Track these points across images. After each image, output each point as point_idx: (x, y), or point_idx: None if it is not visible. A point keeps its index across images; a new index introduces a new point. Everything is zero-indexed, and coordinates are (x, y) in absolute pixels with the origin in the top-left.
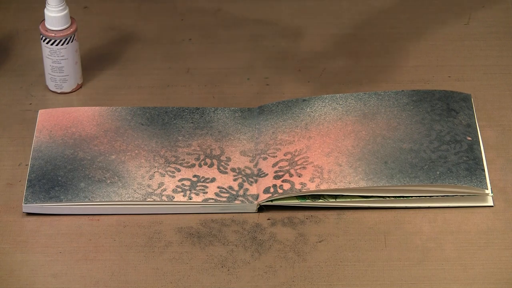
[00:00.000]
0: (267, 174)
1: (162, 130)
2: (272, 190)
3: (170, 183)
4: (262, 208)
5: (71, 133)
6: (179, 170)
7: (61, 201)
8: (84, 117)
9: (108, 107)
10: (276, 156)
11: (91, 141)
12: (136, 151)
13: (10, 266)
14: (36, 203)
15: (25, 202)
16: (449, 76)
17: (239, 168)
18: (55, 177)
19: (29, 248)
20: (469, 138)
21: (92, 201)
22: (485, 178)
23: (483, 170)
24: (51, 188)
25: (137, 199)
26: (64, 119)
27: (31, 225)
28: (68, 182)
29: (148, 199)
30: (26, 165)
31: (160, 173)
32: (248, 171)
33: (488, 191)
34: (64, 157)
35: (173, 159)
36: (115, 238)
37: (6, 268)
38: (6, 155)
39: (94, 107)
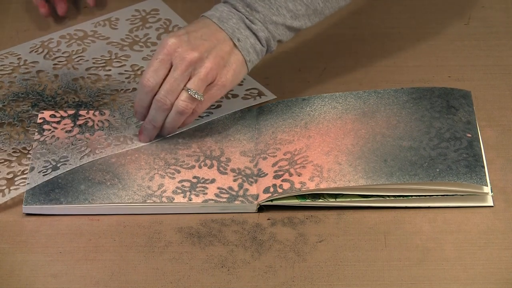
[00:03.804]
0: (267, 174)
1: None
2: (272, 190)
3: (170, 185)
4: (262, 208)
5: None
6: (179, 172)
7: (61, 203)
8: None
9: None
10: (276, 155)
11: None
12: (136, 155)
13: (10, 266)
14: (36, 205)
15: (25, 204)
16: (449, 76)
17: (239, 169)
18: (55, 179)
19: (29, 248)
20: (469, 135)
21: (92, 203)
22: (485, 175)
23: (483, 166)
24: (51, 190)
25: (137, 201)
26: (64, 119)
27: (31, 225)
28: (68, 184)
29: (148, 201)
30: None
31: (160, 174)
32: (248, 171)
33: (488, 188)
34: None
35: (173, 161)
36: (115, 238)
37: (6, 268)
38: (6, 155)
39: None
